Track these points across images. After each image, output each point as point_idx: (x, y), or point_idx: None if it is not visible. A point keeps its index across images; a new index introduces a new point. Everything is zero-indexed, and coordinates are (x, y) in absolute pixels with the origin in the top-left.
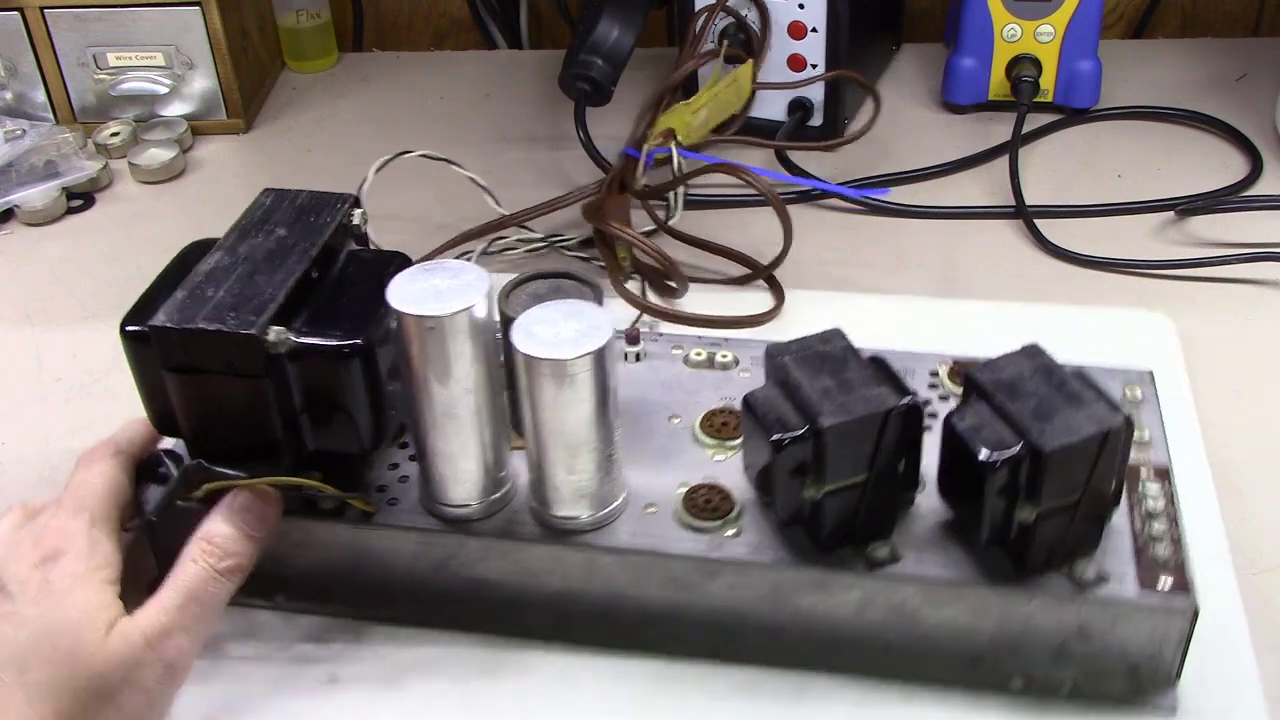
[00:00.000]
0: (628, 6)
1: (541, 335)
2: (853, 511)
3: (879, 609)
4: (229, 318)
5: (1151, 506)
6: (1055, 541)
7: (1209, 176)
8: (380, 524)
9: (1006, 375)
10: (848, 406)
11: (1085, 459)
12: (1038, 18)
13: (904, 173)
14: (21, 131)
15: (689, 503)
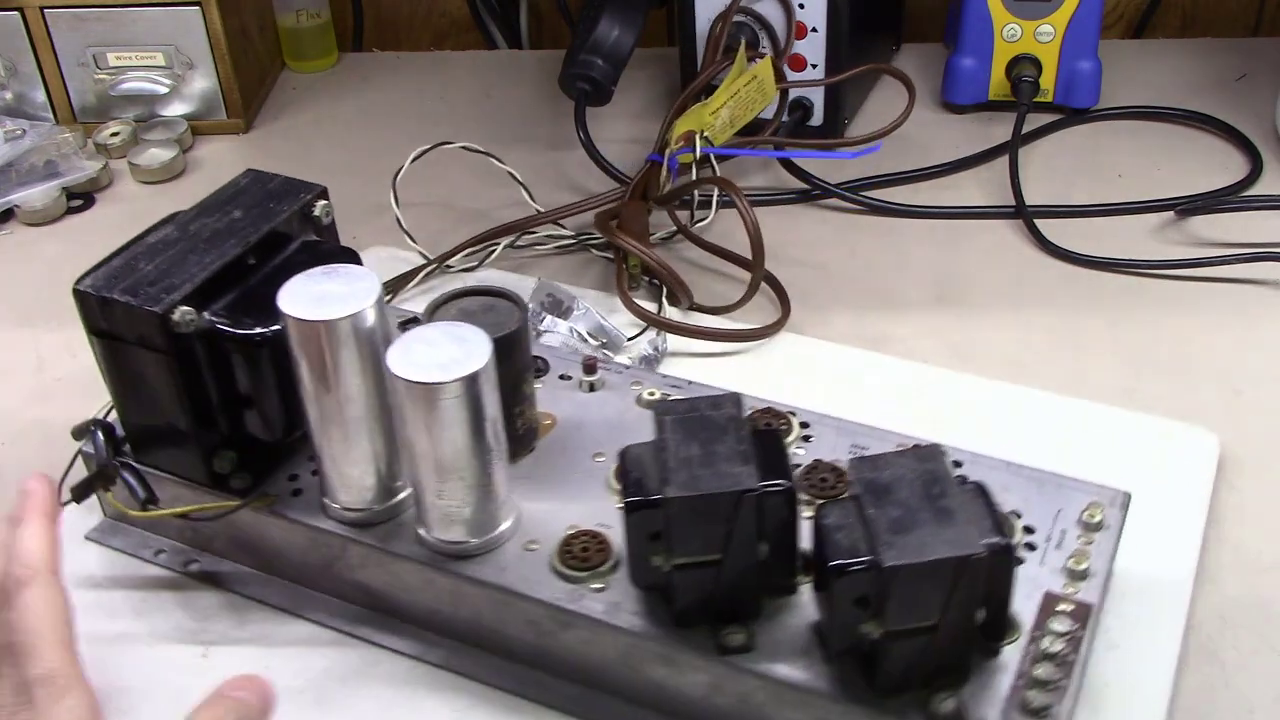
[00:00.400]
0: (628, 6)
1: (417, 356)
2: (707, 590)
3: (727, 697)
4: (143, 292)
5: (1050, 646)
6: (910, 665)
7: (1209, 176)
8: (277, 513)
9: (885, 476)
10: (701, 481)
11: (937, 583)
12: (1038, 18)
13: (904, 172)
14: (21, 131)
15: (565, 548)
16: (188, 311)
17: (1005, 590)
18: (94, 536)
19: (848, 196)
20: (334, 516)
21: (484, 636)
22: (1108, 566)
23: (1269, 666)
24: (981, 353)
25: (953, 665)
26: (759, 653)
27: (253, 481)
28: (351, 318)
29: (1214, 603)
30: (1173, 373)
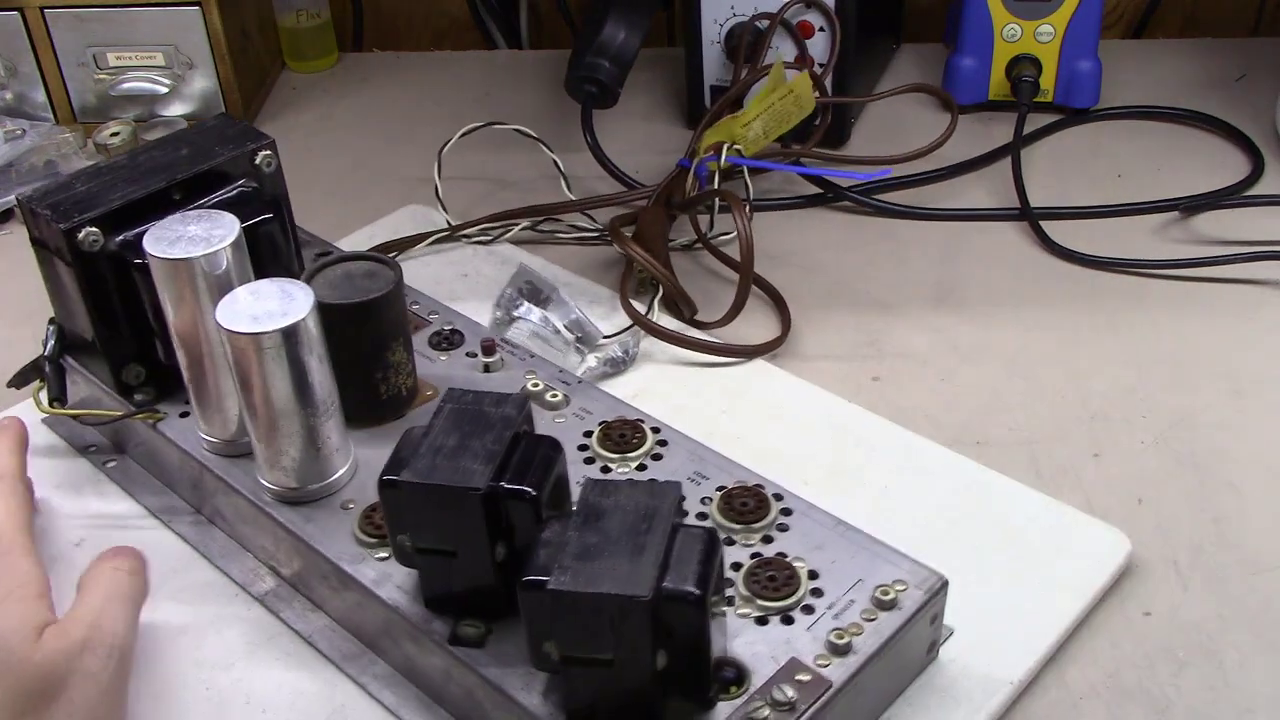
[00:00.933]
0: (634, 8)
1: (240, 306)
2: (445, 580)
3: (457, 687)
4: (63, 210)
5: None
6: (595, 697)
7: (1210, 176)
8: (158, 430)
9: (607, 502)
10: (436, 471)
11: (601, 618)
12: (1038, 18)
13: (909, 176)
14: (21, 131)
15: (367, 515)
16: (93, 232)
17: (696, 641)
18: (48, 422)
19: (861, 200)
20: (203, 443)
21: (297, 580)
22: (875, 649)
23: (1269, 666)
24: (986, 353)
25: (641, 707)
26: (488, 652)
27: (156, 397)
28: (205, 258)
29: (1214, 603)
30: (1174, 372)
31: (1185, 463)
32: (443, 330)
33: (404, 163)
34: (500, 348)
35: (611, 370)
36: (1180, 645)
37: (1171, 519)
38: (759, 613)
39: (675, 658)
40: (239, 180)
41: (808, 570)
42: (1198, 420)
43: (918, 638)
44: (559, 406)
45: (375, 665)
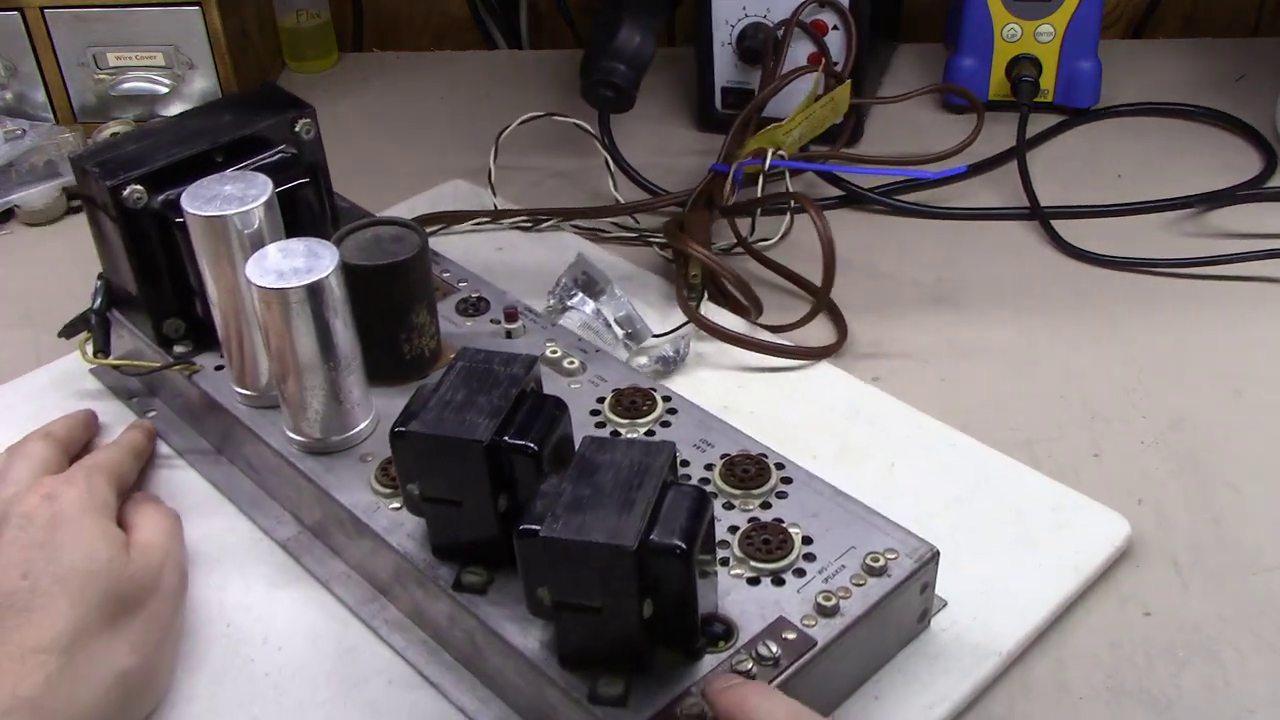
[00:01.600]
0: (647, 12)
1: (268, 263)
2: (452, 528)
3: (460, 629)
4: (110, 167)
5: (742, 664)
6: (585, 642)
7: (1213, 172)
8: (194, 383)
9: (603, 458)
10: (444, 422)
11: (591, 565)
12: (1038, 18)
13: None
14: (21, 131)
15: (383, 467)
16: (137, 190)
17: (682, 593)
18: (95, 372)
19: (885, 201)
20: (236, 395)
21: (317, 528)
22: (862, 612)
23: (1269, 666)
24: (986, 352)
25: (628, 654)
26: (488, 599)
27: (194, 350)
28: (238, 215)
29: (1214, 603)
30: (1174, 372)
31: (1185, 463)
32: (469, 297)
33: (404, 163)
34: (523, 315)
35: (663, 369)
36: (1180, 645)
37: (1171, 519)
38: (751, 573)
39: (662, 608)
40: (279, 146)
41: (802, 536)
42: (1198, 420)
43: (907, 605)
44: (575, 373)
45: (386, 610)
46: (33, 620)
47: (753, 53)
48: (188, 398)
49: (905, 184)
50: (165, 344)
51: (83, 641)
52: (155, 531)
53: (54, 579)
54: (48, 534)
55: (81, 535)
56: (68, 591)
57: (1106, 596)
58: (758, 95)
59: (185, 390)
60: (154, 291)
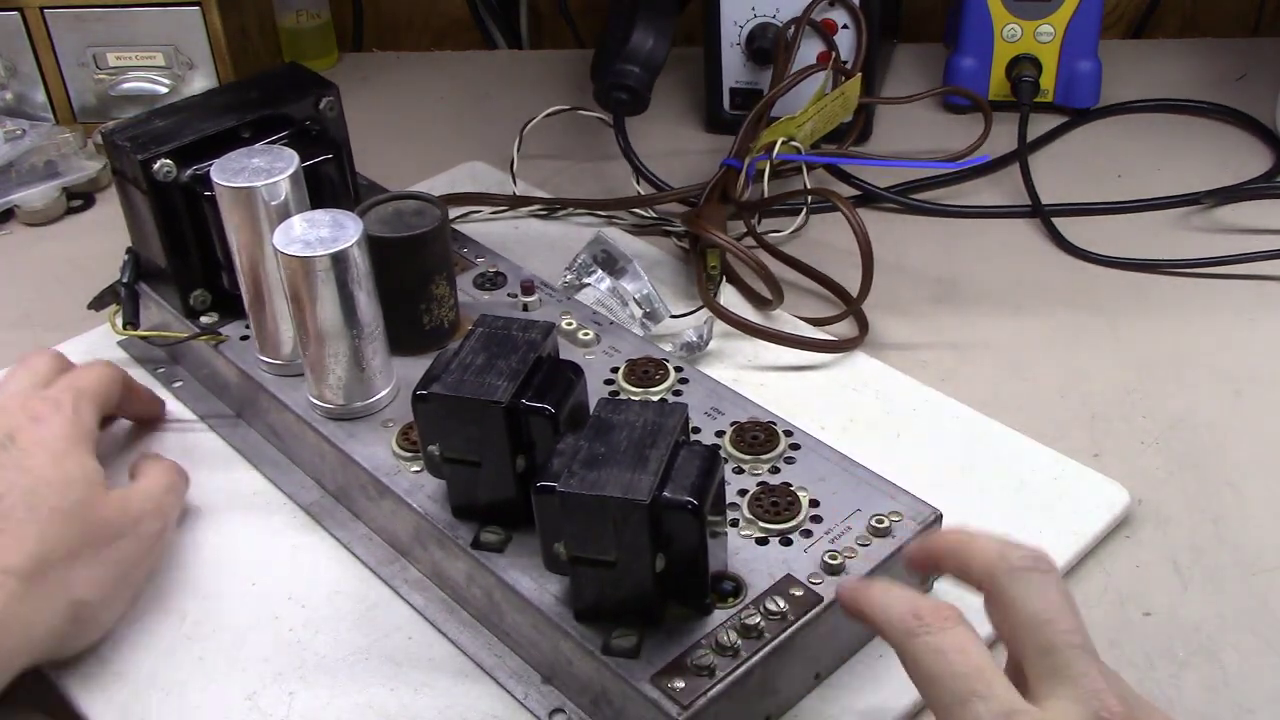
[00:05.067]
0: (659, 14)
1: (295, 232)
2: (471, 489)
3: (479, 587)
4: (141, 141)
5: (750, 618)
6: (599, 596)
7: (1214, 170)
8: (220, 352)
9: (617, 418)
10: (464, 385)
11: (604, 519)
12: (1038, 18)
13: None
14: (21, 131)
15: (404, 432)
16: (167, 164)
17: (693, 548)
18: (123, 343)
19: (899, 200)
20: (261, 364)
21: (339, 493)
22: (866, 571)
23: (1269, 666)
24: (986, 352)
25: (640, 607)
26: (506, 556)
27: (219, 321)
28: (266, 188)
29: (1214, 603)
30: (1174, 372)
31: (1185, 463)
32: (487, 272)
33: (405, 163)
34: (540, 289)
35: (686, 355)
36: (1180, 645)
37: (1171, 519)
38: (760, 534)
39: (673, 563)
40: (303, 123)
41: (809, 499)
42: (1198, 420)
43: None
44: (590, 345)
45: (407, 570)
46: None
47: (762, 53)
48: (213, 367)
49: (913, 182)
50: (192, 315)
51: (44, 569)
52: (150, 483)
53: (27, 506)
54: (29, 457)
55: (60, 467)
56: (38, 519)
57: (1107, 596)
58: (769, 91)
59: (211, 359)
60: (182, 263)
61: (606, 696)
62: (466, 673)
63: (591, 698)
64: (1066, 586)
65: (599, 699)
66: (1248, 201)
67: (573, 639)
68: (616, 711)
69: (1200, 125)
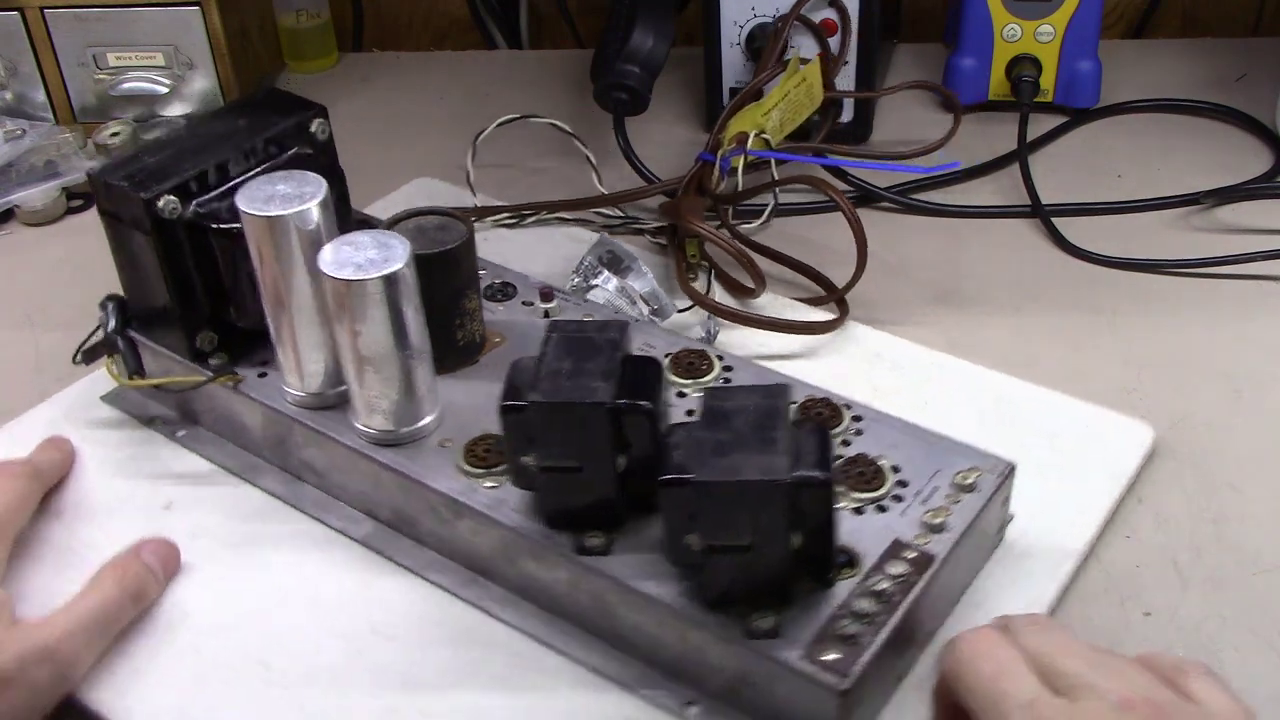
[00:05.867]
0: (658, 14)
1: (339, 256)
2: (570, 495)
3: (584, 593)
4: (137, 179)
5: (878, 584)
6: (733, 582)
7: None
8: (241, 392)
9: (730, 405)
10: (563, 390)
11: (743, 503)
12: (1038, 18)
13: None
14: (21, 131)
15: (470, 448)
16: (172, 200)
17: (823, 523)
18: (108, 398)
19: (898, 200)
20: (288, 399)
21: (398, 520)
22: (965, 526)
23: (1269, 666)
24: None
25: (774, 588)
26: (614, 558)
27: (229, 361)
28: (297, 214)
29: (1214, 603)
30: (1174, 372)
31: (1185, 463)
32: (494, 283)
33: (405, 163)
34: (558, 294)
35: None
36: (1180, 645)
37: (1171, 519)
38: (855, 504)
39: (807, 540)
40: (294, 148)
41: (890, 465)
42: (1198, 420)
43: (993, 518)
44: None
45: (489, 589)
46: None
47: (762, 53)
48: (229, 410)
49: (912, 182)
50: (199, 358)
51: None
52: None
53: None
54: None
55: None
56: None
57: (1107, 596)
58: (750, 83)
59: (228, 402)
60: (187, 305)
61: (749, 680)
62: (584, 681)
63: (727, 685)
64: None
65: (738, 684)
66: (1247, 201)
67: (708, 629)
68: (762, 694)
69: (1200, 125)
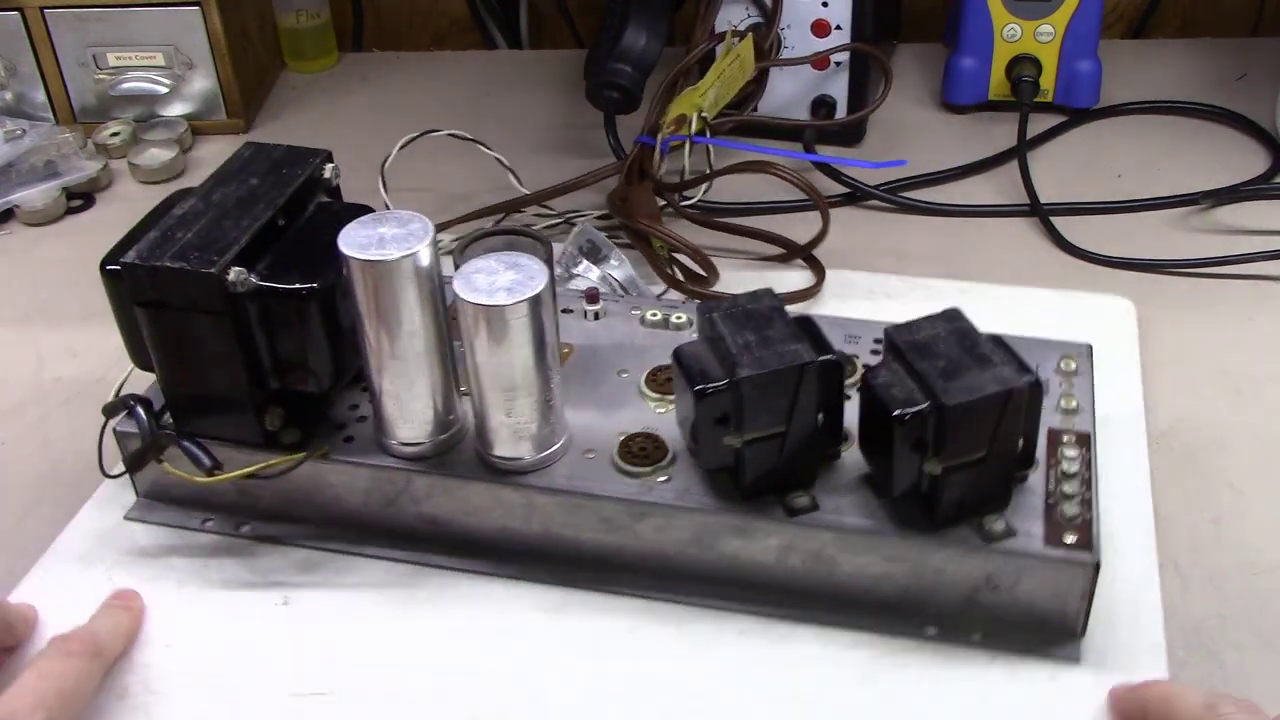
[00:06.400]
0: (651, 12)
1: (480, 284)
2: (773, 461)
3: (798, 555)
4: (193, 257)
5: (1067, 469)
6: (964, 495)
7: (1215, 171)
8: (337, 460)
9: (922, 336)
10: (765, 360)
11: (988, 416)
12: (1038, 18)
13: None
14: (21, 131)
15: (624, 449)
16: (240, 271)
17: (1036, 421)
18: (134, 516)
19: (893, 199)
20: (396, 453)
21: (551, 545)
22: (1091, 404)
23: (1269, 666)
24: None
25: (997, 492)
26: (823, 512)
27: (301, 435)
28: (411, 256)
29: (1214, 602)
30: (1174, 372)
31: (1185, 463)
32: None
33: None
34: (602, 296)
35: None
36: (1180, 645)
37: (1171, 519)
38: None
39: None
40: (314, 196)
41: None
42: (1198, 420)
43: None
44: (683, 327)
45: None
46: None
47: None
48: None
49: (906, 180)
50: (269, 440)
51: None
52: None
53: None
54: None
55: None
56: None
57: None
58: (682, 62)
59: (310, 479)
60: (257, 382)
61: (992, 583)
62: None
63: (963, 597)
64: None
65: (978, 591)
66: (1247, 202)
67: (949, 546)
68: (1004, 594)
69: (1200, 125)
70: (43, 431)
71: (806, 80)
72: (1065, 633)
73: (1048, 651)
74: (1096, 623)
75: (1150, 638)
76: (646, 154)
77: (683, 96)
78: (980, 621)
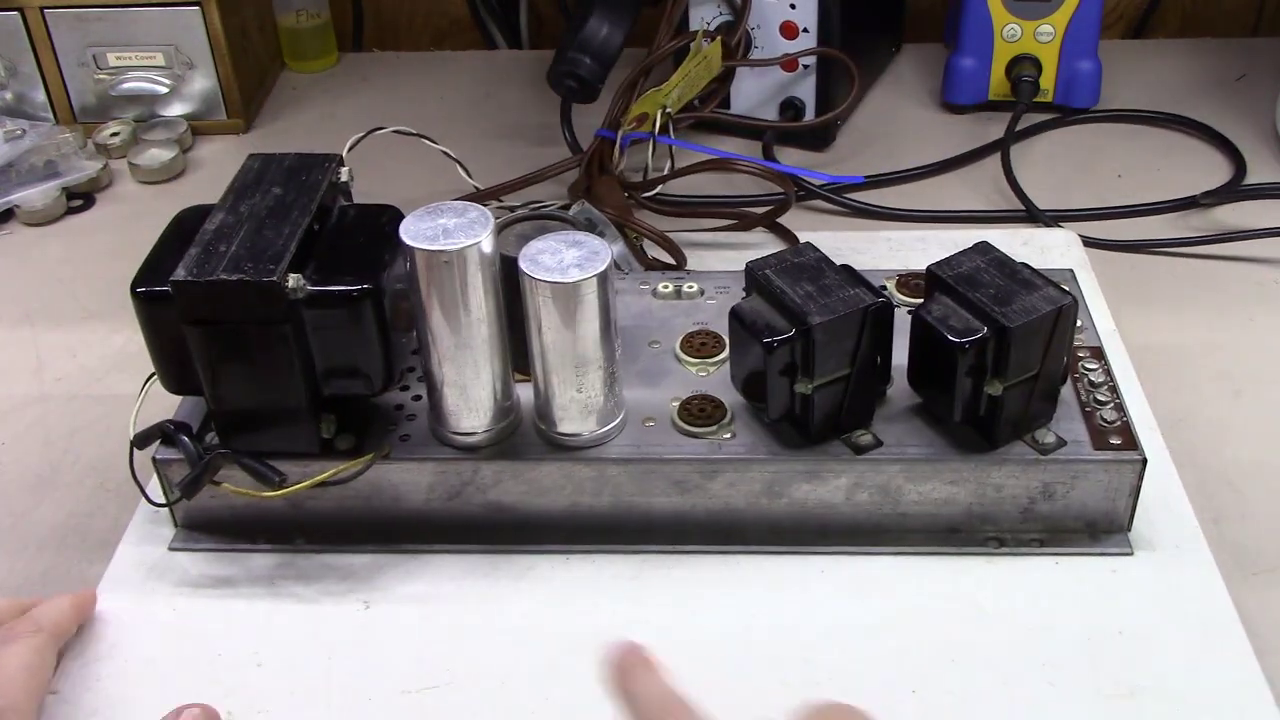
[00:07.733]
0: (617, 5)
1: (547, 263)
2: (838, 404)
3: (866, 490)
4: (247, 268)
5: (1094, 379)
6: (1018, 414)
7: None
8: (401, 458)
9: (965, 270)
10: (831, 306)
11: (1042, 335)
12: (1038, 18)
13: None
14: (21, 131)
15: (684, 412)
16: (298, 278)
17: (1073, 338)
18: (178, 546)
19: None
20: (458, 445)
21: (621, 515)
22: (1091, 321)
23: (1269, 666)
24: None
25: (1048, 405)
26: (887, 445)
27: (355, 441)
28: (476, 244)
29: None
30: (1174, 372)
31: (1185, 463)
32: None
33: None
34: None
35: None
36: None
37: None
38: None
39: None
40: (336, 199)
41: None
42: (1198, 420)
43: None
44: (695, 296)
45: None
46: None
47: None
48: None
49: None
50: (325, 448)
51: None
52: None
53: None
54: None
55: None
56: None
57: None
58: (646, 59)
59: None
60: (313, 391)
61: (1048, 492)
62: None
63: (1021, 509)
64: None
65: (1035, 502)
66: (1247, 202)
67: (1009, 462)
68: (1059, 501)
69: (1200, 127)
70: (43, 431)
71: (776, 82)
72: (1115, 529)
73: (1103, 548)
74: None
75: (1187, 525)
76: (606, 147)
77: (647, 96)
78: (1037, 530)
